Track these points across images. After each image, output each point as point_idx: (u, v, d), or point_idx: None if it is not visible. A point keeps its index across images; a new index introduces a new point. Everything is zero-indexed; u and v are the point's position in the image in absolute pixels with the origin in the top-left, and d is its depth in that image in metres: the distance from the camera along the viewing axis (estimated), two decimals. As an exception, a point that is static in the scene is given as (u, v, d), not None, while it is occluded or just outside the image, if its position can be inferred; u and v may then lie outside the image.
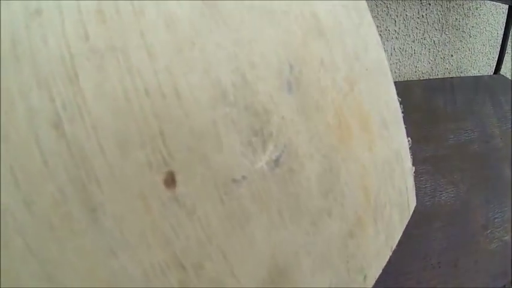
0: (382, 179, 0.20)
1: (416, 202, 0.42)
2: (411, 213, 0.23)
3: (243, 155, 0.14)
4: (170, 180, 0.12)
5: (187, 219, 0.12)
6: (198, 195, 0.13)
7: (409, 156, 0.23)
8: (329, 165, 0.17)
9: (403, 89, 0.72)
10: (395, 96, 0.23)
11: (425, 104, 0.65)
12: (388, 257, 0.21)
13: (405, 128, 0.55)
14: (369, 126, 0.20)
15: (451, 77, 0.83)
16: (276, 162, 0.15)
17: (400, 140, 0.22)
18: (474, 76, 0.79)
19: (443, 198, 0.43)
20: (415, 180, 0.45)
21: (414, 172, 0.46)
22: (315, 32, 0.18)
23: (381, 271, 0.20)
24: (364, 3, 0.22)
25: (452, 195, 0.45)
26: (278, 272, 0.15)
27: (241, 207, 0.14)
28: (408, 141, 0.23)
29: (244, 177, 0.14)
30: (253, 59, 0.14)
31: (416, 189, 0.44)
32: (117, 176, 0.11)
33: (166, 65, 0.12)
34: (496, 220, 0.43)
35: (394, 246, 0.21)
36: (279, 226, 0.15)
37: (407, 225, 0.30)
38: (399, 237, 0.22)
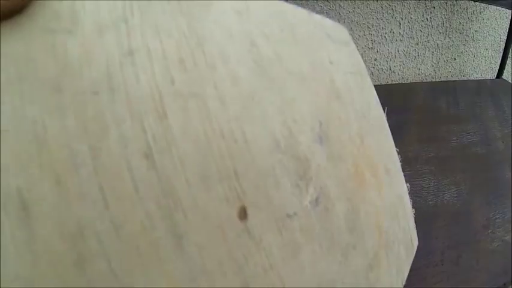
0: (390, 219, 0.23)
1: (420, 201, 0.42)
2: (415, 250, 0.25)
3: (293, 194, 0.16)
4: (243, 214, 0.14)
5: (256, 248, 0.14)
6: (263, 227, 0.14)
7: (409, 200, 0.26)
8: (352, 206, 0.20)
9: (407, 90, 0.73)
10: (394, 149, 0.25)
11: (429, 106, 0.65)
12: None
13: (409, 127, 0.56)
14: (377, 173, 0.22)
15: (454, 80, 0.84)
16: (316, 202, 0.17)
17: (402, 187, 0.25)
18: (477, 80, 0.80)
19: (446, 197, 0.44)
20: (419, 179, 0.46)
21: (419, 171, 0.47)
22: (334, 95, 0.21)
23: None
24: (365, 69, 0.25)
25: (454, 195, 0.46)
26: None
27: (293, 239, 0.16)
28: (407, 187, 0.26)
29: (295, 213, 0.16)
30: (294, 115, 0.17)
31: (420, 188, 0.45)
32: (200, 206, 0.13)
33: (235, 114, 0.15)
34: (497, 220, 0.44)
35: (404, 281, 0.23)
36: (320, 256, 0.17)
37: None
38: (407, 272, 0.23)
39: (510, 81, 0.84)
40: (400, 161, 0.26)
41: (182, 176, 0.13)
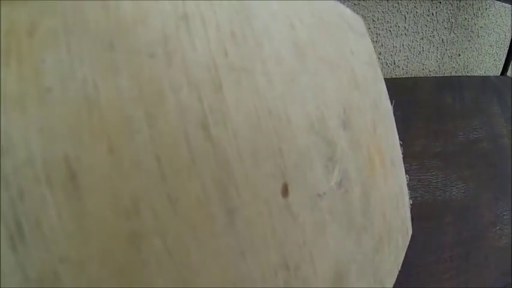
0: (393, 208, 0.23)
1: (428, 196, 0.42)
2: (409, 239, 0.25)
3: (323, 175, 0.17)
4: (285, 191, 0.14)
5: (294, 225, 0.14)
6: (300, 205, 0.15)
7: (407, 190, 0.26)
8: (365, 191, 0.20)
9: (412, 84, 0.72)
10: (398, 140, 0.26)
11: (434, 100, 0.65)
12: (397, 274, 0.23)
13: (416, 121, 0.55)
14: (385, 163, 0.23)
15: (459, 76, 0.83)
16: (340, 184, 0.18)
17: (402, 177, 0.25)
18: (481, 76, 0.79)
19: (453, 193, 0.43)
20: (427, 174, 0.45)
21: (426, 165, 0.46)
22: (353, 84, 0.22)
23: (392, 286, 0.23)
24: (377, 61, 0.26)
25: (462, 191, 0.45)
26: (339, 275, 0.18)
27: (322, 217, 0.16)
28: (406, 178, 0.26)
29: (324, 193, 0.16)
30: (325, 100, 0.18)
31: (428, 183, 0.44)
32: (250, 181, 0.13)
33: (280, 93, 0.15)
34: (504, 217, 0.43)
35: (399, 267, 0.24)
36: (342, 236, 0.18)
37: (420, 218, 0.30)
38: (402, 261, 0.24)
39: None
40: (403, 154, 0.27)
41: (235, 149, 0.12)
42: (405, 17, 0.79)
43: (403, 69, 0.86)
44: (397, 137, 0.26)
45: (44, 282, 0.09)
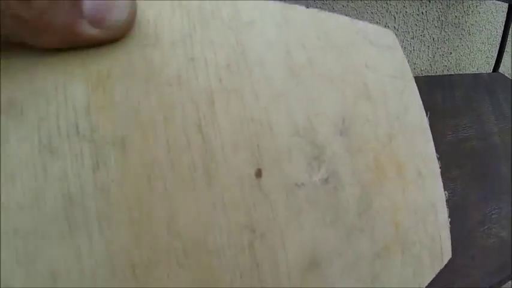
0: (413, 221, 0.24)
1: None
2: (444, 263, 0.25)
3: (305, 170, 0.20)
4: (258, 173, 0.19)
5: (263, 200, 0.19)
6: (273, 187, 0.19)
7: (446, 210, 0.26)
8: (365, 194, 0.22)
9: (402, 85, 0.72)
10: (434, 154, 0.27)
11: (424, 100, 0.64)
12: None
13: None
14: (403, 173, 0.24)
15: (450, 74, 0.83)
16: (325, 180, 0.21)
17: (436, 193, 0.26)
18: (473, 74, 0.79)
19: (441, 193, 0.43)
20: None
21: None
22: (364, 96, 0.24)
23: None
24: (409, 73, 0.27)
25: (450, 191, 0.45)
26: (314, 262, 0.20)
27: (297, 203, 0.19)
28: (445, 194, 0.27)
29: (303, 184, 0.20)
30: (318, 111, 0.21)
31: (414, 184, 0.44)
32: (228, 162, 0.18)
33: (264, 106, 0.19)
34: (493, 216, 0.43)
35: (421, 286, 0.24)
36: (321, 226, 0.20)
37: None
38: (429, 281, 0.24)
39: (507, 75, 0.83)
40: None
41: (219, 141, 0.18)
42: (394, 17, 0.79)
43: (394, 69, 0.86)
44: (431, 150, 0.27)
45: None
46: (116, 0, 0.16)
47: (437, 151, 0.51)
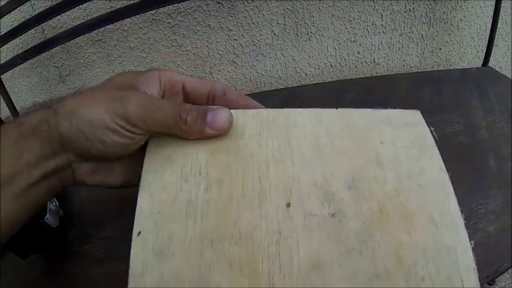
0: (421, 258, 0.29)
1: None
2: None
3: (318, 207, 0.30)
4: (288, 205, 0.30)
5: (289, 220, 0.29)
6: (296, 214, 0.29)
7: (471, 257, 0.29)
8: (366, 228, 0.30)
9: (389, 82, 0.72)
10: (455, 207, 0.32)
11: (411, 97, 0.64)
12: None
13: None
14: (409, 219, 0.31)
15: (439, 70, 0.83)
16: (333, 215, 0.30)
17: (456, 240, 0.30)
18: (462, 69, 0.79)
19: (425, 190, 0.43)
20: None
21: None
22: (375, 162, 0.33)
23: None
24: (429, 143, 0.36)
25: (435, 187, 0.45)
26: (318, 265, 0.28)
27: (310, 225, 0.29)
28: (471, 243, 0.30)
29: (316, 214, 0.30)
30: (333, 172, 0.32)
31: (398, 181, 0.44)
32: (273, 198, 0.30)
33: (297, 169, 0.32)
34: (479, 211, 0.42)
35: None
36: (325, 242, 0.29)
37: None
38: None
39: (498, 69, 0.82)
40: None
41: (269, 186, 0.31)
42: (382, 15, 0.79)
43: (383, 67, 0.86)
44: (450, 204, 0.32)
45: None
46: (223, 113, 0.31)
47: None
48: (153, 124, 0.31)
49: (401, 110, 0.38)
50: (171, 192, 0.31)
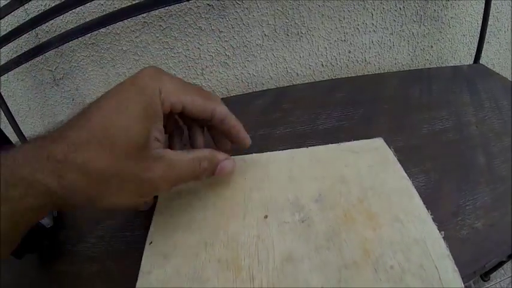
0: (388, 250, 0.34)
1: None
2: None
3: (290, 216, 0.38)
4: (266, 217, 0.39)
5: (266, 227, 0.38)
6: (272, 222, 0.38)
7: (443, 246, 0.34)
8: (332, 230, 0.36)
9: (380, 80, 0.72)
10: (419, 206, 0.38)
11: (400, 95, 0.64)
12: None
13: (378, 118, 0.55)
14: (374, 218, 0.37)
15: (429, 68, 0.83)
16: (302, 221, 0.38)
17: (424, 233, 0.35)
18: (452, 66, 0.78)
19: (414, 186, 0.42)
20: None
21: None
22: (339, 180, 0.41)
23: None
24: (390, 159, 0.44)
25: (422, 184, 0.44)
26: (290, 258, 0.34)
27: (284, 230, 0.37)
28: (441, 234, 0.35)
29: (288, 222, 0.38)
30: (303, 193, 0.41)
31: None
32: (254, 213, 0.40)
33: (274, 192, 0.42)
34: (467, 207, 0.42)
35: None
36: (297, 241, 0.36)
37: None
38: None
39: (490, 66, 0.82)
40: None
41: (255, 207, 0.41)
42: (372, 14, 0.79)
43: (375, 65, 0.86)
44: (415, 203, 0.38)
45: None
46: (230, 165, 0.39)
47: (410, 145, 0.51)
48: (182, 183, 0.35)
49: (365, 140, 0.47)
50: (178, 213, 0.41)
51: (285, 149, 0.48)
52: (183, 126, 0.42)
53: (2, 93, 0.82)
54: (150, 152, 0.32)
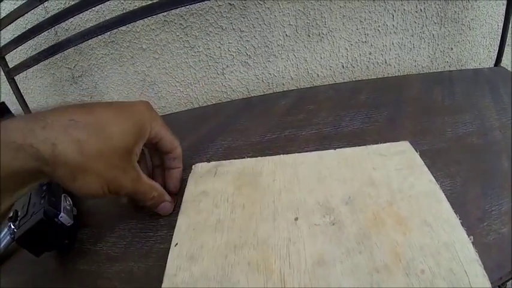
0: (419, 254, 0.34)
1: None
2: None
3: (320, 218, 0.39)
4: (296, 219, 0.39)
5: (296, 229, 0.38)
6: (302, 225, 0.39)
7: (472, 251, 0.34)
8: (363, 233, 0.36)
9: (402, 82, 0.72)
10: (448, 210, 0.38)
11: (423, 98, 0.64)
12: None
13: (402, 121, 0.55)
14: (403, 222, 0.37)
15: (450, 70, 0.83)
16: (332, 223, 0.38)
17: (454, 237, 0.35)
18: (474, 69, 0.78)
19: (439, 191, 0.43)
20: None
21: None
22: (368, 183, 0.42)
23: None
24: (418, 164, 0.44)
25: (448, 188, 0.45)
26: (322, 261, 0.34)
27: (314, 232, 0.38)
28: (470, 238, 0.35)
29: (319, 224, 0.38)
30: (333, 194, 0.41)
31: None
32: (285, 215, 0.40)
33: (304, 193, 0.43)
34: (493, 213, 0.42)
35: None
36: (328, 244, 0.36)
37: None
38: None
39: (509, 69, 0.82)
40: None
41: (284, 207, 0.41)
42: (393, 15, 0.79)
43: (394, 67, 0.86)
44: (445, 208, 0.38)
45: None
46: (168, 206, 0.45)
47: (435, 148, 0.51)
48: (134, 197, 0.42)
49: (392, 143, 0.48)
50: (204, 215, 0.41)
51: (311, 151, 0.48)
52: (147, 154, 0.49)
53: (21, 90, 0.83)
54: (131, 158, 0.38)
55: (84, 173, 0.34)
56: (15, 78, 0.81)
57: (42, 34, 0.77)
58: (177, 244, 0.38)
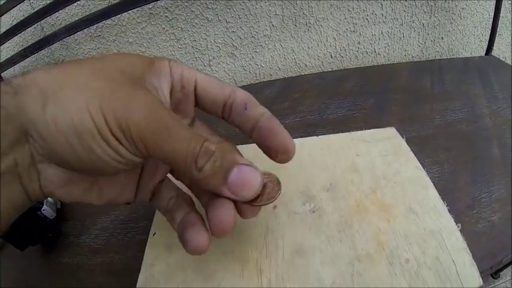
0: (403, 242, 0.32)
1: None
2: (459, 282, 0.29)
3: (300, 206, 0.37)
4: (275, 207, 0.37)
5: (275, 218, 0.36)
6: (282, 213, 0.37)
7: (460, 239, 0.32)
8: (345, 220, 0.35)
9: (390, 70, 0.70)
10: (434, 197, 0.36)
11: (412, 85, 0.63)
12: None
13: (390, 108, 0.53)
14: (388, 209, 0.35)
15: (440, 59, 0.81)
16: (312, 210, 0.36)
17: (440, 224, 0.33)
18: (464, 57, 0.77)
19: (427, 178, 0.41)
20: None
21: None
22: (351, 170, 0.40)
23: None
24: (404, 150, 0.42)
25: (436, 175, 0.43)
26: (301, 250, 0.33)
27: (294, 220, 0.36)
28: (458, 226, 0.33)
29: (298, 212, 0.36)
30: (313, 181, 0.39)
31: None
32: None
33: (285, 180, 0.31)
34: (482, 200, 0.41)
35: None
36: (307, 232, 0.34)
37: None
38: None
39: (501, 58, 0.80)
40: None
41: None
42: (381, 4, 0.78)
43: (384, 56, 0.84)
44: (430, 194, 0.36)
45: None
46: (253, 177, 0.25)
47: (423, 135, 0.49)
48: (158, 154, 0.21)
49: (377, 129, 0.45)
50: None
51: (295, 138, 0.47)
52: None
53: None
54: (141, 83, 0.23)
55: (60, 90, 0.20)
56: (2, 75, 0.79)
57: (29, 30, 0.75)
58: (155, 234, 0.37)
